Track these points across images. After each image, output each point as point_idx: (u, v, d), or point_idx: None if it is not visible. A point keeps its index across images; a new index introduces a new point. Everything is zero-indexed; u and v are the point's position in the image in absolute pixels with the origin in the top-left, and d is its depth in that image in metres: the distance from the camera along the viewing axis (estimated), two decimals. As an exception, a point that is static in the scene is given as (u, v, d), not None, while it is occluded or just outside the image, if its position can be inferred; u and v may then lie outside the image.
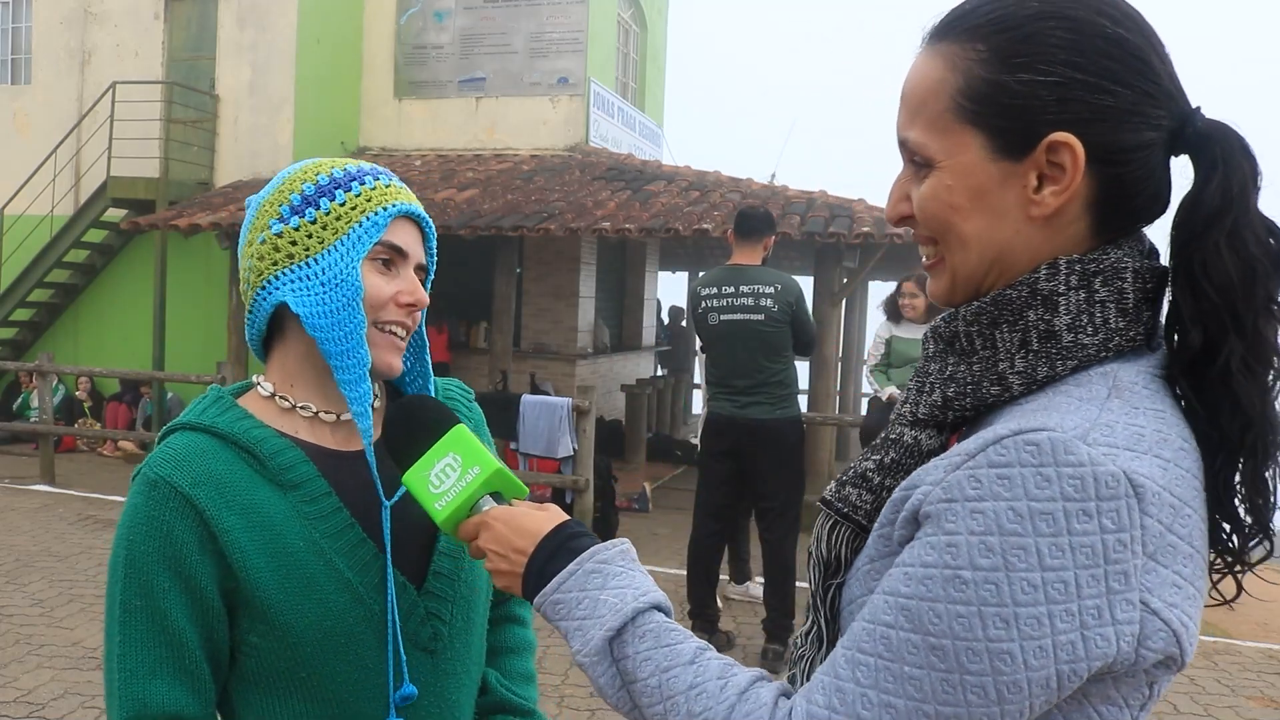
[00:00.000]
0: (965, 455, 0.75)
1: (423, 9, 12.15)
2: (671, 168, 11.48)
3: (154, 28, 11.66)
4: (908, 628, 0.73)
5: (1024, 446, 0.72)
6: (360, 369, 1.10)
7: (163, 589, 1.03)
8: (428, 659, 1.15)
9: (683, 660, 0.85)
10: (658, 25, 15.37)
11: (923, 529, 0.76)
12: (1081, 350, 0.79)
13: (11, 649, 4.81)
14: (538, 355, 11.72)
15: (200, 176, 11.38)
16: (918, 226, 0.87)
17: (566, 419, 7.82)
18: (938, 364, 0.88)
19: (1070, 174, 0.78)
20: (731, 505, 5.14)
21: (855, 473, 0.89)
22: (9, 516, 7.61)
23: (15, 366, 10.10)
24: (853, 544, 0.87)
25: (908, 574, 0.74)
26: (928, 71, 0.84)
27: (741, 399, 4.85)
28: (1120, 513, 0.70)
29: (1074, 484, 0.70)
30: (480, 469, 1.01)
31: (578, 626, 0.90)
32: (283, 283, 1.11)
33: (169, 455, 1.08)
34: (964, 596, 0.71)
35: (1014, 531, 0.70)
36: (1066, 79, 0.78)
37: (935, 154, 0.82)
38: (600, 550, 0.94)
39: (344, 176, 1.13)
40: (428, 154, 12.02)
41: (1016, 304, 0.81)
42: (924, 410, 0.87)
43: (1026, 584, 0.70)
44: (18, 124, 12.12)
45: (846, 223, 8.45)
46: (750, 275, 4.82)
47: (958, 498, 0.73)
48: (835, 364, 9.12)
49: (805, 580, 0.95)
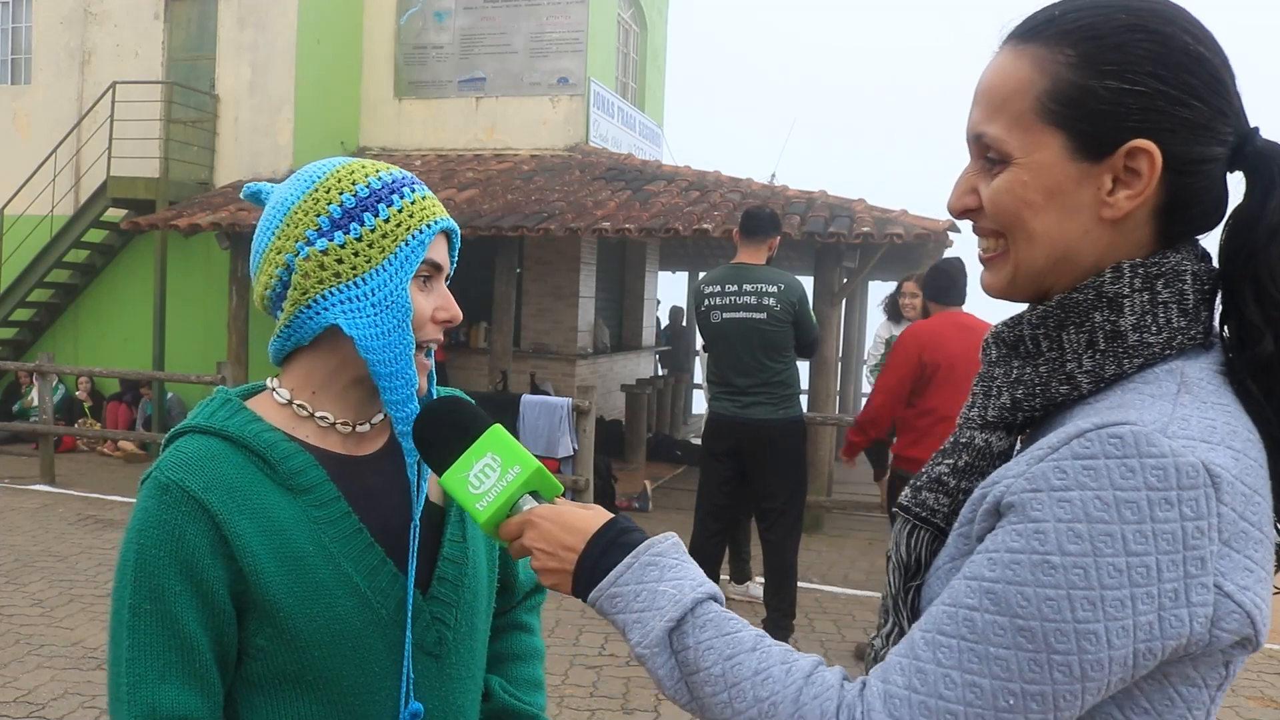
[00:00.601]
0: (1048, 449, 0.78)
1: (423, 9, 12.15)
2: (671, 168, 11.47)
3: (154, 28, 11.66)
4: (993, 610, 0.76)
5: (1108, 439, 0.75)
6: (408, 389, 1.11)
7: (174, 592, 1.03)
8: (433, 664, 1.15)
9: (745, 647, 0.86)
10: (658, 25, 15.37)
11: (1006, 518, 0.79)
12: (1147, 349, 0.83)
13: (11, 649, 4.81)
14: (538, 355, 11.72)
15: (200, 176, 11.38)
16: (984, 219, 0.89)
17: (566, 419, 7.83)
18: (1002, 368, 0.91)
19: (1146, 179, 0.82)
20: (732, 506, 5.14)
21: (930, 478, 0.93)
22: (9, 516, 7.61)
23: (15, 366, 10.10)
24: (931, 546, 0.90)
25: (992, 559, 0.77)
26: (1012, 71, 0.86)
27: (743, 399, 4.86)
28: (1199, 501, 0.74)
29: (1157, 474, 0.74)
30: (521, 468, 1.01)
31: (636, 619, 0.91)
32: (332, 302, 1.10)
33: (180, 459, 1.07)
34: (1053, 580, 0.74)
35: (1101, 519, 0.74)
36: (1151, 90, 0.81)
37: (1014, 150, 0.85)
38: (655, 543, 0.96)
39: (382, 188, 1.11)
40: (428, 154, 12.02)
41: (1083, 306, 0.85)
42: (993, 413, 0.90)
43: (1112, 568, 0.73)
44: (18, 124, 12.12)
45: (846, 223, 8.45)
46: (754, 274, 4.82)
47: (1043, 488, 0.76)
48: (835, 364, 9.11)
49: (806, 580, 0.95)
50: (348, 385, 1.15)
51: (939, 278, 4.74)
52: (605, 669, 4.78)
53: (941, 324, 4.61)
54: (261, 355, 10.31)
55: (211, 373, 9.05)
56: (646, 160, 12.19)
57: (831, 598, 6.24)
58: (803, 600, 5.74)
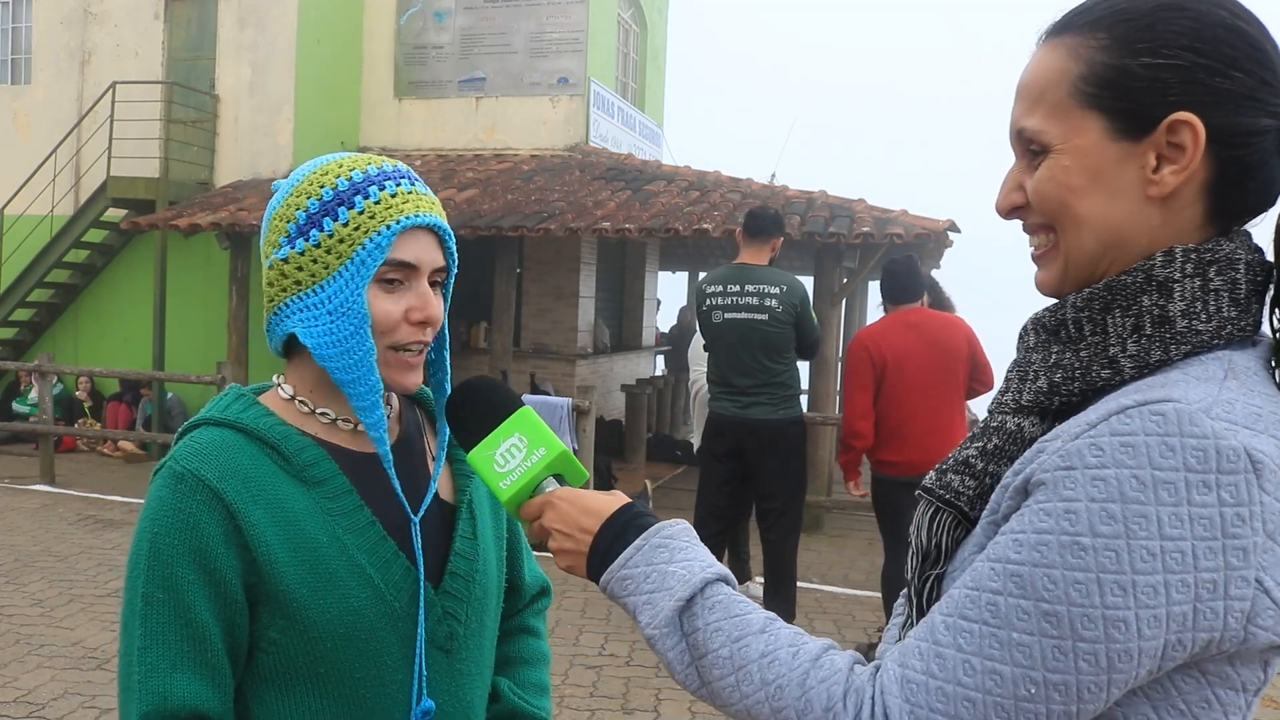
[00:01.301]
0: (1086, 425, 0.75)
1: (423, 9, 12.15)
2: (671, 168, 11.47)
3: (154, 28, 11.66)
4: (1017, 594, 0.73)
5: (1150, 415, 0.73)
6: (373, 395, 1.09)
7: (187, 581, 1.02)
8: (444, 658, 1.15)
9: (753, 629, 0.85)
10: (658, 25, 15.37)
11: (1034, 496, 0.76)
12: (1195, 336, 0.80)
13: (11, 649, 4.81)
14: (538, 355, 11.72)
15: (200, 176, 11.38)
16: (1031, 215, 0.88)
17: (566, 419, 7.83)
18: (1040, 353, 0.88)
19: (1190, 153, 0.80)
20: (732, 506, 5.14)
21: (957, 460, 0.90)
22: (9, 516, 7.61)
23: (15, 366, 10.10)
24: (953, 533, 0.87)
25: (1018, 540, 0.74)
26: (1048, 63, 0.86)
27: (743, 399, 4.86)
28: (1239, 487, 0.71)
29: (1197, 455, 0.71)
30: (546, 450, 1.03)
31: (646, 600, 0.90)
32: (292, 310, 1.11)
33: (195, 449, 1.07)
34: (1082, 563, 0.71)
35: (1136, 499, 0.71)
36: (1188, 63, 0.80)
37: (1053, 138, 0.84)
38: (665, 526, 0.96)
39: (347, 189, 1.09)
40: (428, 154, 12.02)
41: (1131, 289, 0.82)
42: (1028, 397, 0.87)
43: (1146, 552, 0.70)
44: (18, 124, 12.11)
45: (846, 223, 8.45)
46: (756, 274, 4.83)
47: (1078, 465, 0.74)
48: (835, 364, 9.11)
49: (806, 580, 0.94)
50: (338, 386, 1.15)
51: (888, 280, 4.80)
52: (605, 669, 4.78)
53: (887, 324, 4.71)
54: (261, 355, 10.31)
55: (211, 373, 9.05)
56: (646, 160, 12.19)
57: (831, 598, 6.24)
58: (803, 600, 5.74)
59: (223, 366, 8.74)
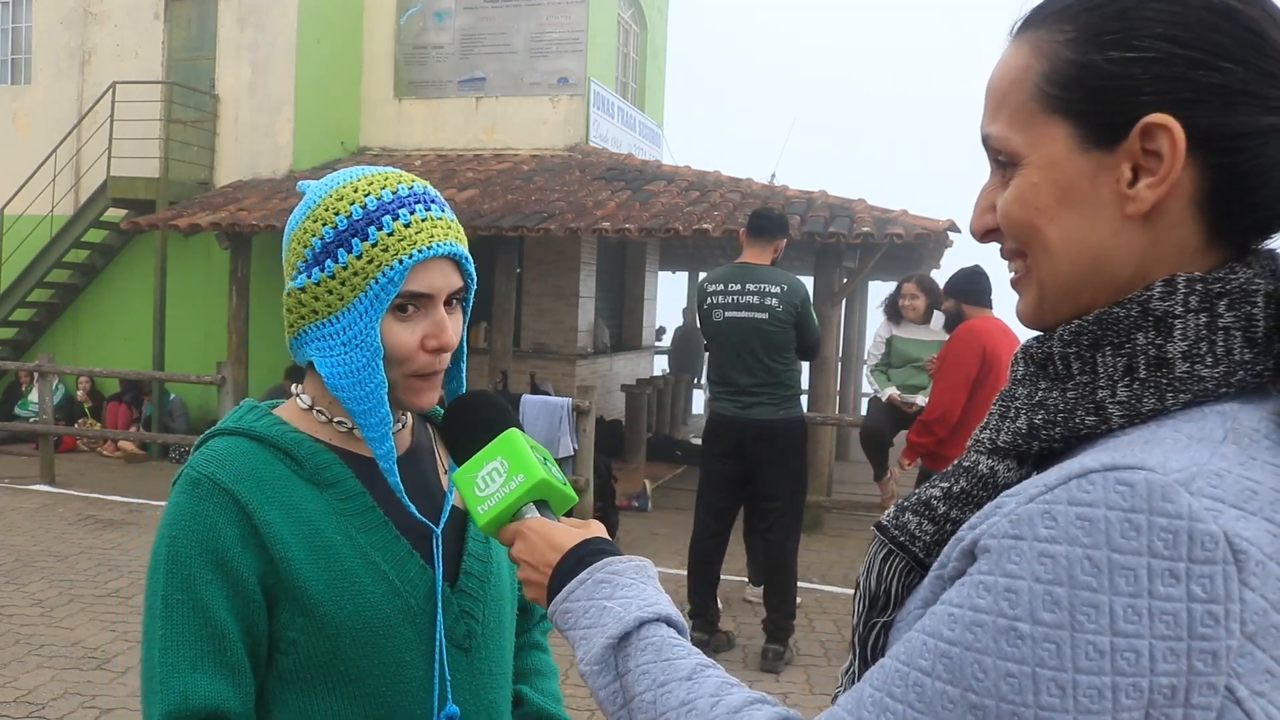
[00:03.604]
0: (1043, 487, 0.65)
1: (423, 9, 12.15)
2: (671, 168, 11.48)
3: (154, 28, 11.66)
4: (945, 678, 0.64)
5: (1115, 485, 0.62)
6: (383, 427, 1.11)
7: (205, 581, 1.04)
8: (463, 656, 1.17)
9: (679, 675, 0.80)
10: (658, 25, 15.37)
11: (977, 564, 0.66)
12: (1197, 383, 0.68)
13: (11, 649, 4.81)
14: (538, 355, 11.73)
15: (200, 176, 11.38)
16: (1004, 239, 0.78)
17: (567, 419, 7.83)
18: (1026, 388, 0.77)
19: (1168, 162, 0.68)
20: (733, 506, 5.14)
21: (919, 499, 0.80)
22: (9, 516, 7.61)
23: (15, 366, 10.11)
24: (906, 579, 0.77)
25: (953, 616, 0.65)
26: (1011, 62, 0.76)
27: (744, 399, 4.86)
28: (1214, 580, 0.60)
29: (1165, 538, 0.60)
30: (524, 478, 1.00)
31: (582, 635, 0.87)
32: (311, 338, 1.13)
33: (210, 455, 1.10)
34: (1017, 654, 0.62)
35: (1087, 585, 0.61)
36: (1165, 54, 0.68)
37: (1019, 148, 0.74)
38: (613, 561, 0.92)
39: (362, 219, 1.09)
40: (428, 154, 12.02)
41: (1124, 324, 0.70)
42: (1005, 437, 0.76)
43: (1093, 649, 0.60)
44: (18, 124, 12.12)
45: (846, 223, 8.45)
46: (758, 274, 4.83)
47: (1026, 536, 0.63)
48: (835, 364, 9.12)
49: (806, 580, 0.92)
50: None
51: (974, 280, 4.80)
52: (605, 669, 4.77)
53: (992, 325, 4.69)
54: (261, 355, 10.31)
55: (211, 373, 9.05)
56: (646, 160, 12.19)
57: (831, 598, 6.24)
58: (803, 600, 5.74)
59: (223, 366, 8.74)
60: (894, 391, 5.97)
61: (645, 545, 7.41)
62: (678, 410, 13.67)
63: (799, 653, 5.20)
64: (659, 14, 15.44)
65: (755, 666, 4.96)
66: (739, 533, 5.63)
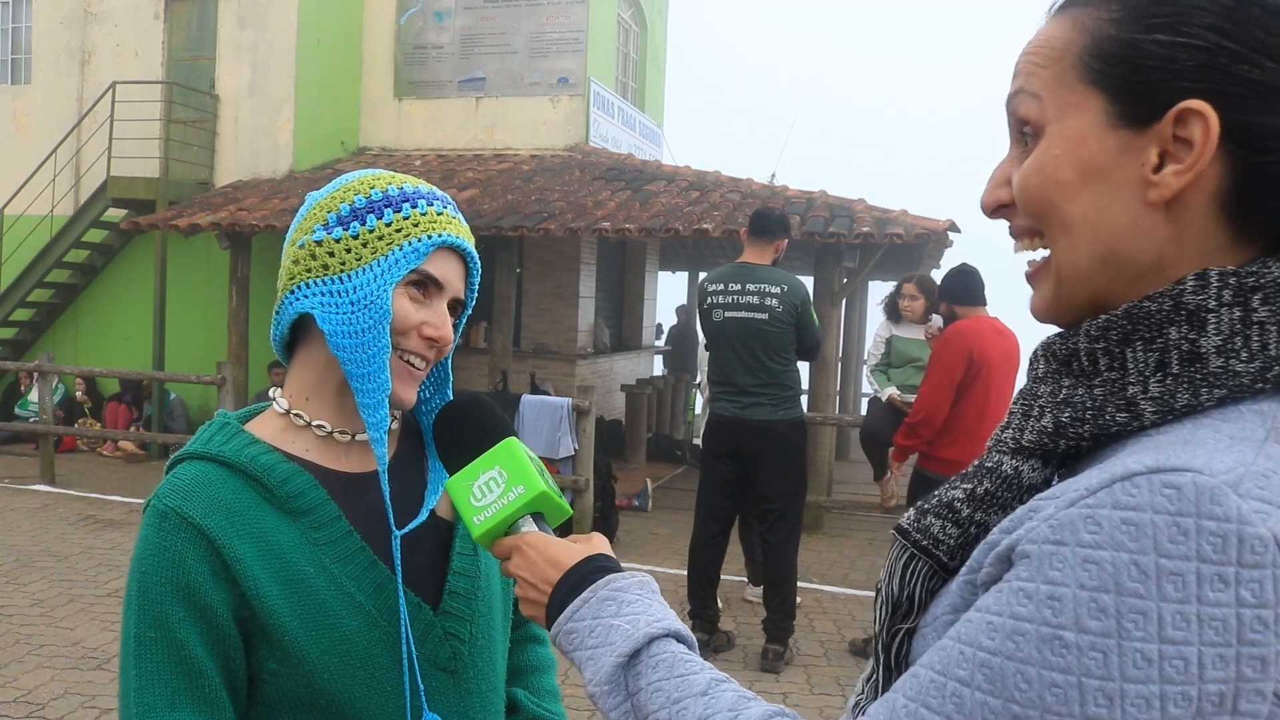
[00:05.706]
0: (1086, 490, 0.63)
1: (423, 9, 12.15)
2: (671, 168, 11.48)
3: (154, 28, 11.66)
4: (986, 689, 0.62)
5: (1162, 489, 0.60)
6: (380, 394, 1.09)
7: (177, 618, 1.02)
8: (449, 679, 1.14)
9: (694, 691, 0.79)
10: (658, 25, 15.37)
11: (1015, 570, 0.64)
12: (1233, 379, 0.66)
13: (11, 649, 4.81)
14: (538, 355, 11.72)
15: (200, 176, 11.38)
16: (1017, 215, 0.76)
17: (567, 419, 7.83)
18: (1049, 385, 0.75)
19: (1198, 150, 0.67)
20: (733, 507, 5.14)
21: (940, 501, 0.78)
22: (9, 516, 7.61)
23: (15, 366, 10.10)
24: (929, 584, 0.75)
25: (993, 624, 0.63)
26: (1052, 34, 0.74)
27: (744, 399, 4.86)
28: (1264, 584, 0.58)
29: (1214, 542, 0.58)
30: (524, 489, 0.98)
31: (589, 655, 0.85)
32: (312, 292, 1.11)
33: (177, 486, 1.07)
34: (1063, 664, 0.60)
35: (1135, 592, 0.59)
36: (1212, 44, 0.67)
37: (1046, 113, 0.72)
38: (617, 578, 0.90)
39: (398, 195, 1.12)
40: (428, 154, 12.02)
41: (1156, 318, 0.69)
42: (1030, 436, 0.74)
43: (1140, 657, 0.59)
44: (18, 124, 12.12)
45: (846, 223, 8.45)
46: (758, 274, 4.83)
47: (1069, 541, 0.61)
48: (835, 364, 9.12)
49: (806, 580, 0.91)
50: (338, 388, 1.14)
51: (964, 280, 4.80)
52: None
53: (982, 325, 4.68)
54: (261, 355, 10.31)
55: (211, 373, 9.05)
56: (646, 160, 12.19)
57: (831, 598, 6.24)
58: (803, 600, 5.74)
59: (223, 366, 8.74)
60: (894, 391, 5.98)
61: (645, 545, 7.41)
62: (678, 410, 13.67)
63: (799, 653, 5.20)
64: (659, 14, 15.44)
65: (755, 666, 4.96)
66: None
